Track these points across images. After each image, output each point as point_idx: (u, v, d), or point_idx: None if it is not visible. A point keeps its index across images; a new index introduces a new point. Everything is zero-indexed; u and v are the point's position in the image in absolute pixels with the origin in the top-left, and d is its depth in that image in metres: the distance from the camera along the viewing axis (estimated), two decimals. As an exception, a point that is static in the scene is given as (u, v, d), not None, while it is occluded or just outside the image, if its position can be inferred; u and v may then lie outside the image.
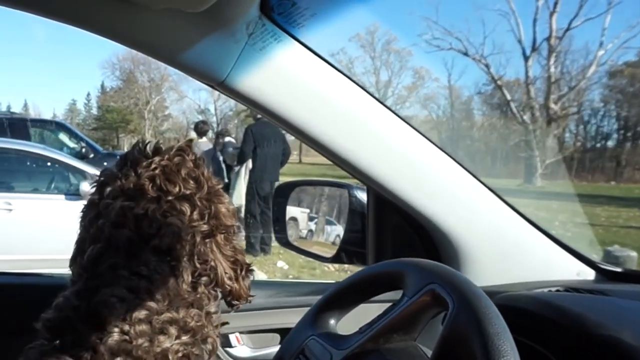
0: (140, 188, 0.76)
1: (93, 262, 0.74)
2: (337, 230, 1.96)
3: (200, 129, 8.36)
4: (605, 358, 0.80)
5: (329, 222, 1.87)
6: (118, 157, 0.86)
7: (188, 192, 0.78)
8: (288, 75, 0.97)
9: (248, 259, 0.88)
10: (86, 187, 6.15)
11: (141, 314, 0.69)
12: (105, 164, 10.11)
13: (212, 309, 0.80)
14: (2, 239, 5.45)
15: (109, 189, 0.78)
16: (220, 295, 0.84)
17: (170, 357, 0.70)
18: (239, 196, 7.59)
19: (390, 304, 0.83)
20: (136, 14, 0.83)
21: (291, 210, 1.46)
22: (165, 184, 0.77)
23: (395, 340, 0.81)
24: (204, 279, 0.79)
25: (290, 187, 1.45)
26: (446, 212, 1.13)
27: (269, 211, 7.40)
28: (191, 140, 0.85)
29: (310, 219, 1.68)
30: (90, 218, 0.78)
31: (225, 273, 0.82)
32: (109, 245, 0.74)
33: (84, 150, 11.02)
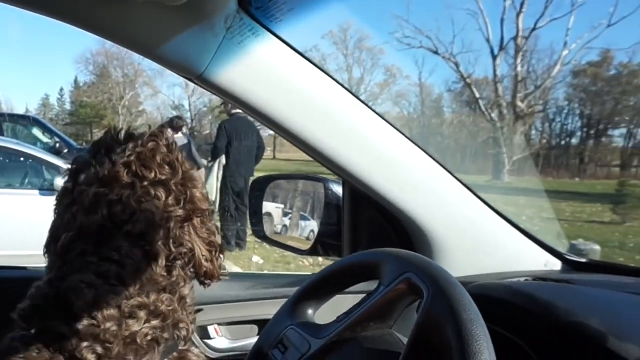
0: (115, 175, 0.75)
1: (65, 250, 0.73)
2: (311, 226, 1.97)
3: (176, 124, 8.24)
4: (574, 344, 0.82)
5: (303, 218, 1.87)
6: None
7: (163, 177, 0.77)
8: (266, 70, 0.96)
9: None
10: (61, 182, 6.01)
11: (109, 298, 0.69)
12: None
13: (186, 291, 0.79)
14: (-25, 235, 5.30)
15: (83, 176, 0.77)
16: (193, 276, 0.83)
17: (138, 341, 0.69)
18: (211, 192, 7.52)
19: (365, 295, 0.84)
20: (115, 5, 0.82)
21: (266, 206, 1.46)
22: (140, 170, 0.76)
23: (372, 329, 0.82)
24: (179, 262, 0.78)
25: (267, 180, 1.45)
26: (420, 205, 1.15)
27: (243, 207, 7.35)
28: (163, 127, 0.84)
29: (285, 214, 1.68)
30: (65, 205, 0.77)
31: (203, 255, 0.81)
32: (81, 232, 0.73)
33: (58, 145, 10.76)
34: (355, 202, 1.25)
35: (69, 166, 0.81)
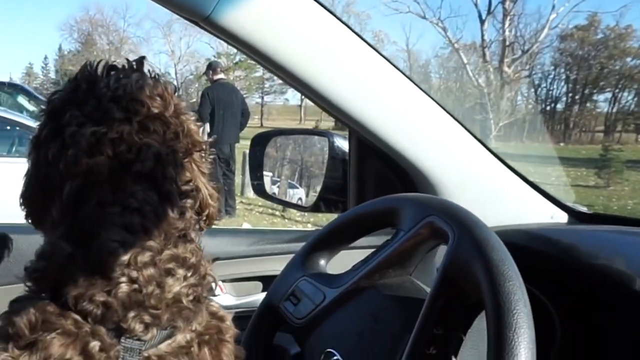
0: (105, 111, 0.65)
1: (74, 201, 0.64)
2: (299, 194, 1.94)
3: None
4: (598, 287, 0.81)
5: (291, 186, 1.85)
6: None
7: (156, 110, 0.68)
8: (275, 12, 0.91)
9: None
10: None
11: (145, 256, 0.63)
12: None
13: (197, 237, 0.72)
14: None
15: (67, 115, 0.66)
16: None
17: (184, 302, 0.64)
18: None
19: (373, 250, 0.82)
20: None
21: (267, 182, 1.44)
22: (131, 104, 0.67)
23: (390, 276, 0.80)
24: (190, 201, 0.70)
25: (268, 135, 1.41)
26: (429, 156, 1.12)
27: (230, 173, 7.34)
28: (144, 57, 0.74)
29: (273, 182, 1.64)
30: (54, 151, 0.66)
31: (209, 193, 0.74)
32: (89, 178, 0.64)
33: (43, 113, 10.54)
34: (361, 155, 1.22)
35: (43, 107, 0.71)
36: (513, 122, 22.47)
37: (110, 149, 0.64)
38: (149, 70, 0.73)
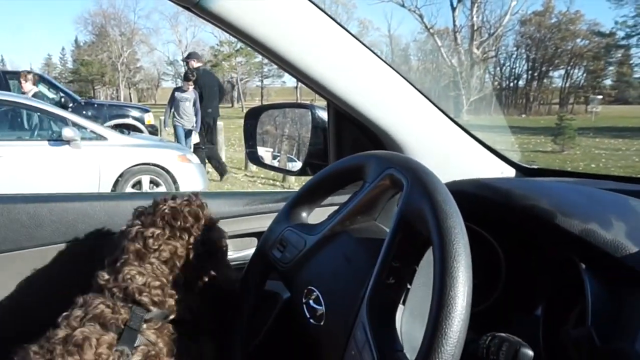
0: (152, 221, 0.94)
1: (115, 259, 0.93)
2: (297, 166, 1.95)
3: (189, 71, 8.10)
4: (528, 223, 0.84)
5: (290, 160, 1.86)
6: (95, 104, 0.92)
7: (187, 224, 0.95)
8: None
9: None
10: (68, 133, 5.83)
11: (155, 283, 0.90)
12: (84, 112, 9.61)
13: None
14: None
15: (136, 221, 0.97)
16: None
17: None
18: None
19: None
20: None
21: (260, 152, 1.47)
22: (171, 220, 0.94)
23: (359, 222, 0.82)
24: (199, 283, 0.96)
25: (260, 110, 1.43)
26: (396, 123, 1.13)
27: (214, 139, 8.03)
28: (197, 193, 1.04)
29: (274, 157, 1.66)
30: (120, 238, 0.97)
31: (223, 281, 1.00)
32: (124, 251, 0.92)
33: (63, 100, 10.36)
34: (339, 123, 1.23)
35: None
36: (482, 97, 22.42)
37: (141, 240, 0.92)
38: (199, 199, 1.01)
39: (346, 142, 1.25)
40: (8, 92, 8.41)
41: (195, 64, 7.83)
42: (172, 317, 0.89)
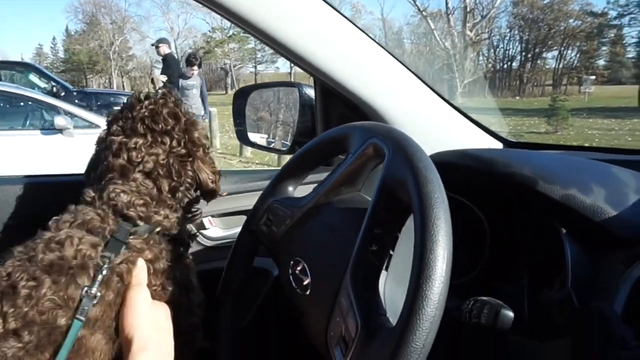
0: (133, 127, 0.91)
1: (99, 178, 0.91)
2: (287, 146, 1.96)
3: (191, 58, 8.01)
4: (510, 190, 0.85)
5: (284, 145, 1.87)
6: (86, 93, 0.92)
7: (168, 127, 0.92)
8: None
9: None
10: (60, 121, 5.80)
11: (139, 201, 0.89)
12: (76, 101, 9.52)
13: (189, 206, 0.98)
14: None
15: (113, 127, 0.93)
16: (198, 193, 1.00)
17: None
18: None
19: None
20: None
21: (253, 136, 1.47)
22: (151, 123, 0.91)
23: (343, 193, 0.82)
24: (182, 188, 0.94)
25: (249, 90, 1.42)
26: (383, 98, 1.13)
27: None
28: (171, 90, 0.98)
29: (268, 143, 1.67)
30: (101, 148, 0.94)
31: (209, 178, 0.98)
32: (109, 168, 0.90)
33: (54, 89, 10.24)
34: (326, 100, 1.23)
35: (107, 118, 0.97)
36: (476, 79, 22.35)
37: (126, 154, 0.89)
38: (174, 95, 0.97)
39: (333, 118, 1.24)
40: (-1, 81, 8.30)
41: (166, 49, 7.96)
42: (158, 229, 0.90)
